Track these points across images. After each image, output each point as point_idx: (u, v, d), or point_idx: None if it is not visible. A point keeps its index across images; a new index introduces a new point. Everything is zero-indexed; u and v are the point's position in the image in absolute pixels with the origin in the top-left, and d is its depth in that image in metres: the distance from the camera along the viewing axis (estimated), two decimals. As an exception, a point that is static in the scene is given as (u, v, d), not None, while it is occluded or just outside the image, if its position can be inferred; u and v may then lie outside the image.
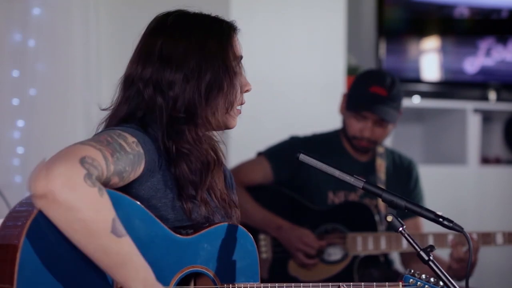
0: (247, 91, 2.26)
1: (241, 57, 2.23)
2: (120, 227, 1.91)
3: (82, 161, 1.87)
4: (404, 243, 3.47)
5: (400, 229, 2.08)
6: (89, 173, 1.86)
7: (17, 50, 3.94)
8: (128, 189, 2.05)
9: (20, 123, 3.95)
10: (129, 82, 2.18)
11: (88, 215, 1.85)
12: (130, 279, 1.92)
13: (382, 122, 3.59)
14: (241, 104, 2.24)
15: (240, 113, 2.25)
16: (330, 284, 2.15)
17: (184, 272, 2.08)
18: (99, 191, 1.87)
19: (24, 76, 3.95)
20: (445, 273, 2.06)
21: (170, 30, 2.19)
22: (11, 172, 3.94)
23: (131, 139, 2.03)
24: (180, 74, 2.14)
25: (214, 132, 2.25)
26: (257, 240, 3.61)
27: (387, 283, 2.19)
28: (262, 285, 2.11)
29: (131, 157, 2.00)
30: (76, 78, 4.08)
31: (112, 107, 2.20)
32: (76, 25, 4.07)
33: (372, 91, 3.58)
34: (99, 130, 2.16)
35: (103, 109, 2.22)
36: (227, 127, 2.24)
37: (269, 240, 3.63)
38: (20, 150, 3.95)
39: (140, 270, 1.94)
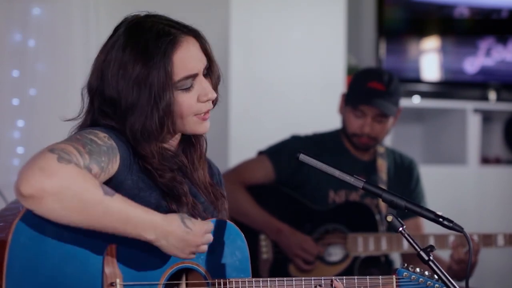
0: (207, 100, 2.16)
1: (188, 76, 2.12)
2: (108, 188, 1.93)
3: (52, 150, 1.89)
4: (405, 244, 3.46)
5: (400, 229, 2.08)
6: (60, 156, 1.88)
7: (17, 50, 3.94)
8: None
9: (20, 123, 3.95)
10: (87, 94, 2.19)
11: (78, 188, 1.88)
12: (140, 229, 1.94)
13: (381, 118, 3.59)
14: (204, 112, 2.16)
15: (205, 119, 2.17)
16: (322, 278, 2.16)
17: (174, 268, 2.08)
18: (76, 165, 1.90)
19: (24, 76, 3.94)
20: (445, 273, 2.06)
21: (113, 45, 2.15)
22: (11, 172, 3.93)
23: (102, 134, 2.04)
24: (116, 95, 2.10)
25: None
26: (257, 241, 3.61)
27: (380, 276, 2.19)
28: (253, 279, 2.12)
29: (104, 148, 2.00)
30: (76, 78, 4.06)
31: (80, 117, 2.20)
32: (76, 25, 4.07)
33: (370, 86, 3.59)
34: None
35: (69, 120, 2.21)
36: (194, 133, 2.20)
37: (270, 241, 3.63)
38: (20, 150, 3.95)
39: (144, 218, 1.95)
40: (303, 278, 2.15)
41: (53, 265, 1.93)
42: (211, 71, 2.20)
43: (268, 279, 2.12)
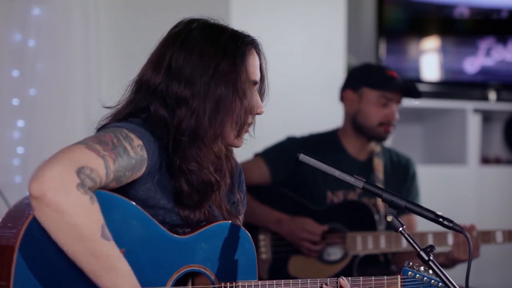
0: (258, 113, 2.22)
1: (254, 82, 2.19)
2: (108, 233, 1.90)
3: (79, 171, 1.86)
4: (404, 242, 3.47)
5: (400, 229, 2.08)
6: (83, 184, 1.85)
7: (17, 50, 3.94)
8: (125, 189, 2.04)
9: (20, 123, 3.95)
10: (138, 85, 2.17)
11: (79, 220, 1.85)
12: (120, 281, 1.91)
13: (399, 104, 3.67)
14: (250, 124, 2.21)
15: (246, 131, 2.22)
16: (328, 279, 2.16)
17: (181, 272, 2.08)
18: (90, 199, 1.87)
19: (24, 76, 3.95)
20: (445, 272, 2.06)
21: (185, 41, 2.15)
22: (11, 172, 3.93)
23: (136, 142, 2.01)
24: (188, 91, 2.11)
25: None
26: (256, 241, 3.62)
27: (385, 276, 2.20)
28: (260, 283, 2.11)
29: (133, 162, 1.99)
30: (76, 78, 4.07)
31: (116, 106, 2.19)
32: (76, 25, 4.07)
33: (390, 74, 3.68)
34: (102, 124, 2.15)
35: (106, 107, 2.20)
36: (232, 146, 2.23)
37: (269, 241, 3.63)
38: (20, 150, 3.95)
39: (127, 274, 1.93)
40: (308, 280, 2.14)
41: (61, 270, 1.93)
42: (260, 88, 2.25)
43: (275, 281, 2.11)
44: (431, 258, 2.07)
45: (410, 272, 2.21)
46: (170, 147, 2.11)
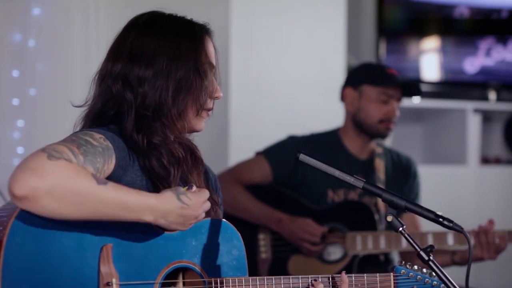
0: (216, 98, 2.24)
1: (213, 65, 2.22)
2: (101, 178, 1.94)
3: (43, 150, 1.90)
4: (404, 242, 3.48)
5: (400, 229, 2.09)
6: (50, 154, 1.88)
7: (17, 50, 3.94)
8: None
9: (20, 123, 3.95)
10: (100, 79, 2.22)
11: (71, 183, 1.87)
12: (138, 213, 1.94)
13: (399, 102, 3.68)
14: (210, 109, 2.24)
15: (208, 116, 2.24)
16: (319, 276, 2.16)
17: (170, 267, 2.08)
18: (65, 160, 1.89)
19: (24, 76, 3.94)
20: (445, 273, 2.07)
21: (142, 28, 2.21)
22: (11, 172, 3.93)
23: (97, 135, 2.04)
24: (150, 71, 2.16)
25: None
26: (256, 240, 3.62)
27: (378, 274, 2.20)
28: (250, 278, 2.12)
29: (100, 149, 2.01)
30: (76, 78, 4.07)
31: (86, 103, 2.23)
32: (76, 25, 4.07)
33: (390, 72, 3.69)
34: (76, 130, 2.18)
35: (76, 106, 2.24)
36: (194, 130, 2.25)
37: (269, 240, 3.63)
38: (20, 150, 3.95)
39: (139, 202, 1.95)
40: (300, 276, 2.15)
41: (49, 266, 1.93)
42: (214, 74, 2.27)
43: (265, 277, 2.12)
44: (431, 258, 2.07)
45: (403, 270, 2.21)
46: (134, 127, 2.14)
